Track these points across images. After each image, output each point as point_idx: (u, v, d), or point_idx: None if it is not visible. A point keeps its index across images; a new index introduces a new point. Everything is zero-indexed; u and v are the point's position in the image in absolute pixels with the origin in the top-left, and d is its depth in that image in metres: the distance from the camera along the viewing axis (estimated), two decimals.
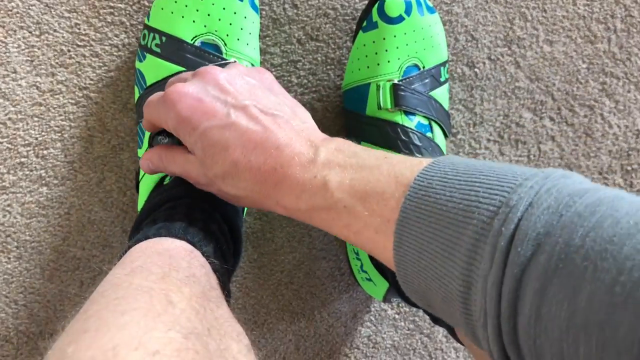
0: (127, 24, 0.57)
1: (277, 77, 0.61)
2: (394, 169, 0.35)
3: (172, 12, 0.52)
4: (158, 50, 0.52)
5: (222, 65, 0.52)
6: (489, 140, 0.66)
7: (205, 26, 0.52)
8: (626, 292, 0.23)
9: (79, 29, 0.56)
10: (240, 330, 0.39)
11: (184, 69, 0.51)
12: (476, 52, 0.64)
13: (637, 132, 0.69)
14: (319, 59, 0.61)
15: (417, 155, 0.53)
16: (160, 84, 0.52)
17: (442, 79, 0.57)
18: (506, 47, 0.65)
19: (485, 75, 0.65)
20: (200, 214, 0.46)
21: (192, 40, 0.52)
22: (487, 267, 0.28)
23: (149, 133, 0.51)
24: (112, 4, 0.56)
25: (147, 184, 0.52)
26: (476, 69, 0.65)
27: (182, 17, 0.52)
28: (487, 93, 0.65)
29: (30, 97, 0.56)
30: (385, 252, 0.35)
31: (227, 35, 0.53)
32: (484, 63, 0.65)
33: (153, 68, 0.53)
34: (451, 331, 0.49)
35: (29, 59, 0.56)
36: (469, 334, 0.31)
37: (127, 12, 0.57)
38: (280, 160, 0.39)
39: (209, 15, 0.52)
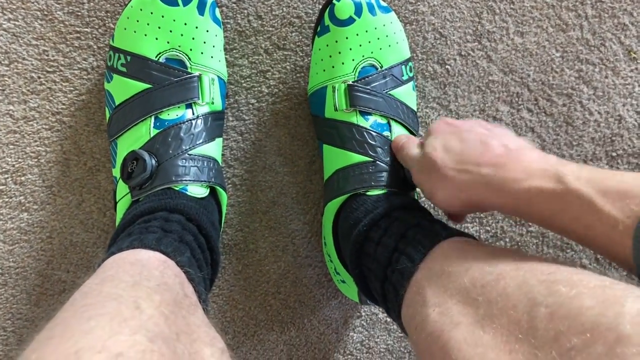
0: (95, 47, 0.58)
1: (247, 89, 0.61)
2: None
3: (134, 32, 0.53)
4: (124, 69, 0.53)
5: (187, 80, 0.52)
6: None
7: (168, 42, 0.53)
8: None
9: (48, 55, 0.57)
10: (215, 335, 0.39)
11: (150, 86, 0.52)
12: (446, 49, 0.64)
13: (619, 117, 0.68)
14: (288, 67, 0.62)
15: (371, 153, 0.53)
16: (128, 103, 0.53)
17: (404, 78, 0.57)
18: (476, 42, 0.65)
19: (458, 72, 0.65)
20: (175, 225, 0.47)
21: (156, 57, 0.52)
22: None
23: (122, 155, 0.52)
24: (78, 29, 0.57)
25: (124, 202, 0.53)
26: (447, 66, 0.65)
27: (145, 35, 0.53)
28: (461, 89, 0.65)
29: (4, 126, 0.57)
30: (622, 250, 0.34)
31: (191, 49, 0.53)
32: (455, 59, 0.65)
33: (120, 88, 0.53)
34: (401, 326, 0.48)
35: (0, 88, 0.57)
36: None
37: (94, 35, 0.58)
38: (506, 151, 0.42)
39: (170, 31, 0.53)
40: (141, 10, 0.53)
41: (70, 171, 0.59)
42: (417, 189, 0.58)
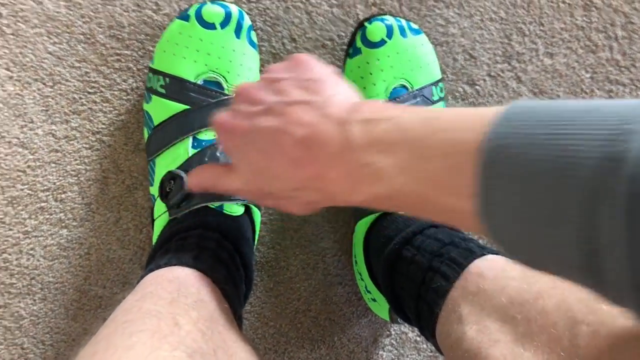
0: (134, 69, 0.60)
1: None
2: (453, 135, 0.30)
3: (174, 54, 0.55)
4: (163, 91, 0.55)
5: (224, 101, 0.54)
6: None
7: (206, 65, 0.54)
8: None
9: (89, 77, 0.59)
10: (250, 350, 0.40)
11: (188, 107, 0.54)
12: (475, 70, 0.65)
13: None
14: None
15: None
16: (167, 123, 0.54)
17: (435, 98, 0.58)
18: (506, 63, 0.66)
19: (487, 92, 0.66)
20: (210, 243, 0.48)
21: (194, 79, 0.54)
22: (620, 234, 0.23)
23: (160, 174, 0.53)
24: (118, 52, 0.59)
25: (161, 220, 0.54)
26: (477, 87, 0.65)
27: (184, 57, 0.54)
28: None
29: (47, 145, 0.59)
30: (473, 227, 0.31)
31: (228, 71, 0.55)
32: (484, 80, 0.66)
33: (159, 108, 0.55)
34: (435, 345, 0.48)
35: (44, 108, 0.59)
36: (602, 298, 0.27)
37: (133, 57, 0.60)
38: (313, 153, 0.36)
39: (208, 54, 0.54)
40: (180, 33, 0.54)
41: (109, 189, 0.61)
42: None
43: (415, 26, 0.57)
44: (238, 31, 0.55)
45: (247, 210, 0.55)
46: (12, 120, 0.58)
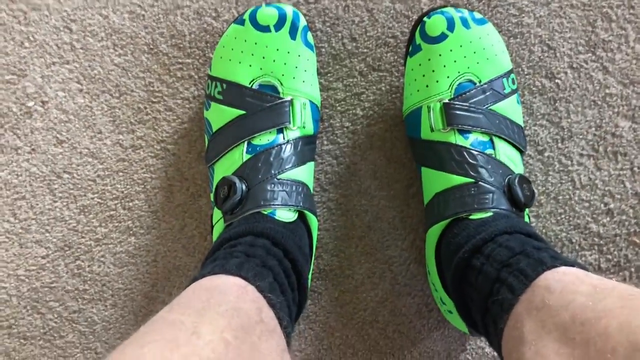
0: (196, 77, 0.60)
1: (341, 112, 0.61)
2: None
3: (230, 60, 0.54)
4: (220, 97, 0.54)
5: (278, 105, 0.52)
6: (581, 155, 0.60)
7: (261, 69, 0.53)
8: None
9: (153, 86, 0.60)
10: None
11: (244, 112, 0.53)
12: (555, 62, 0.60)
13: None
14: (383, 88, 0.60)
15: (473, 173, 0.50)
16: (223, 129, 0.54)
17: (507, 91, 0.53)
18: (590, 53, 0.60)
19: (569, 86, 0.60)
20: (259, 250, 0.47)
21: (250, 83, 0.53)
22: None
23: (215, 184, 0.53)
24: (180, 60, 0.60)
25: (218, 227, 0.54)
26: (557, 80, 0.60)
27: (239, 62, 0.54)
28: (574, 104, 0.60)
29: (115, 154, 0.61)
30: None
31: (283, 75, 0.54)
32: (565, 73, 0.60)
33: (217, 115, 0.55)
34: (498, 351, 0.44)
35: (111, 119, 0.61)
36: None
37: (195, 65, 0.60)
38: None
39: (263, 57, 0.53)
40: (235, 38, 0.54)
41: (174, 197, 0.61)
42: (527, 210, 0.54)
43: (479, 16, 0.53)
44: (293, 32, 0.54)
45: (302, 217, 0.53)
46: (83, 131, 0.61)
